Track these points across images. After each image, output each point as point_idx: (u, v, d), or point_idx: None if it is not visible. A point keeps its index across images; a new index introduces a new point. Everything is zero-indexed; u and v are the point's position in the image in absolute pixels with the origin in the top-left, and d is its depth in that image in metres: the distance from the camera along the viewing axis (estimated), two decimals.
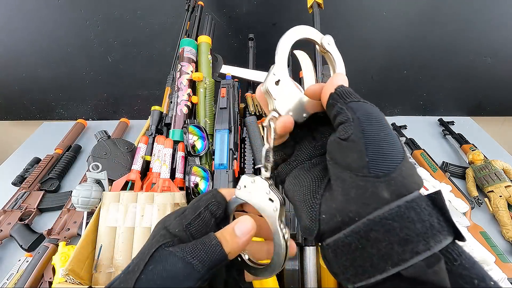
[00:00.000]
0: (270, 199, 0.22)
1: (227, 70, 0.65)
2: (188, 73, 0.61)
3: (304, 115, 0.22)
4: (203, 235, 0.21)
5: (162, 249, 0.19)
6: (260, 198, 0.22)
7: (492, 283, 0.14)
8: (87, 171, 0.54)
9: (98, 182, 0.55)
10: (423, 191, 0.18)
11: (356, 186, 0.17)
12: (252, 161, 0.55)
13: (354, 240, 0.16)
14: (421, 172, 0.75)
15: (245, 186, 0.23)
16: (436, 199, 0.16)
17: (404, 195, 0.16)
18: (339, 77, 0.21)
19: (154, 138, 0.58)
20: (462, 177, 0.78)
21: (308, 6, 0.68)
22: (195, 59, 0.64)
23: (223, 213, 0.23)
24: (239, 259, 0.24)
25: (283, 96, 0.21)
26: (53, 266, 0.57)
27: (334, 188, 0.18)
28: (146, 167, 0.57)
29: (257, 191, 0.23)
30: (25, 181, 0.76)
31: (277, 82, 0.21)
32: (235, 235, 0.20)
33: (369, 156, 0.17)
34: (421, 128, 1.00)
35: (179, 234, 0.21)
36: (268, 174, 0.23)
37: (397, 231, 0.15)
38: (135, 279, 0.18)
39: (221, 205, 0.23)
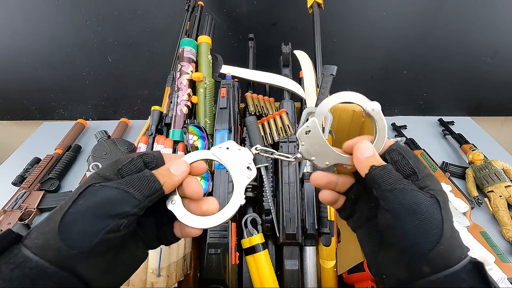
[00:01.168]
0: (249, 168, 0.25)
1: (227, 70, 0.65)
2: (188, 73, 0.61)
3: (327, 163, 0.26)
4: None
5: (92, 186, 0.20)
6: (237, 163, 0.26)
7: None
8: (87, 171, 0.54)
9: None
10: None
11: (401, 260, 0.21)
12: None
13: None
14: None
15: (227, 148, 0.26)
16: (480, 267, 0.19)
17: (443, 270, 0.19)
18: (367, 148, 0.24)
19: (154, 138, 0.58)
20: (462, 177, 0.78)
21: (308, 6, 0.68)
22: (195, 59, 0.64)
23: (157, 166, 0.24)
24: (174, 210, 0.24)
25: (310, 144, 0.26)
26: None
27: (389, 256, 0.22)
28: None
29: (237, 157, 0.26)
30: (25, 181, 0.76)
31: (307, 132, 0.25)
32: (170, 173, 0.22)
33: (405, 243, 0.20)
34: (421, 128, 1.00)
35: (110, 177, 0.21)
36: (255, 151, 0.27)
37: None
38: (62, 213, 0.19)
39: (155, 158, 0.24)
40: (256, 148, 0.27)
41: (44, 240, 0.18)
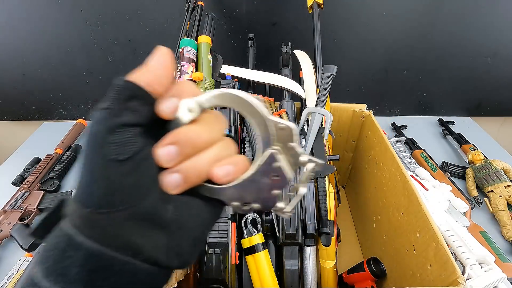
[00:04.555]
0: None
1: (227, 70, 0.65)
2: (188, 73, 0.61)
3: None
4: None
5: None
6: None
7: None
8: None
9: None
10: (422, 191, 0.18)
11: None
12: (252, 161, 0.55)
13: None
14: (421, 172, 0.75)
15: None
16: None
17: None
18: None
19: None
20: (462, 177, 0.78)
21: (308, 6, 0.68)
22: (195, 59, 0.64)
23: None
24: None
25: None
26: None
27: None
28: None
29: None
30: (25, 181, 0.76)
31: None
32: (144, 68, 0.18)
33: None
34: (421, 128, 1.00)
35: None
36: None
37: None
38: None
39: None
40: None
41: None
